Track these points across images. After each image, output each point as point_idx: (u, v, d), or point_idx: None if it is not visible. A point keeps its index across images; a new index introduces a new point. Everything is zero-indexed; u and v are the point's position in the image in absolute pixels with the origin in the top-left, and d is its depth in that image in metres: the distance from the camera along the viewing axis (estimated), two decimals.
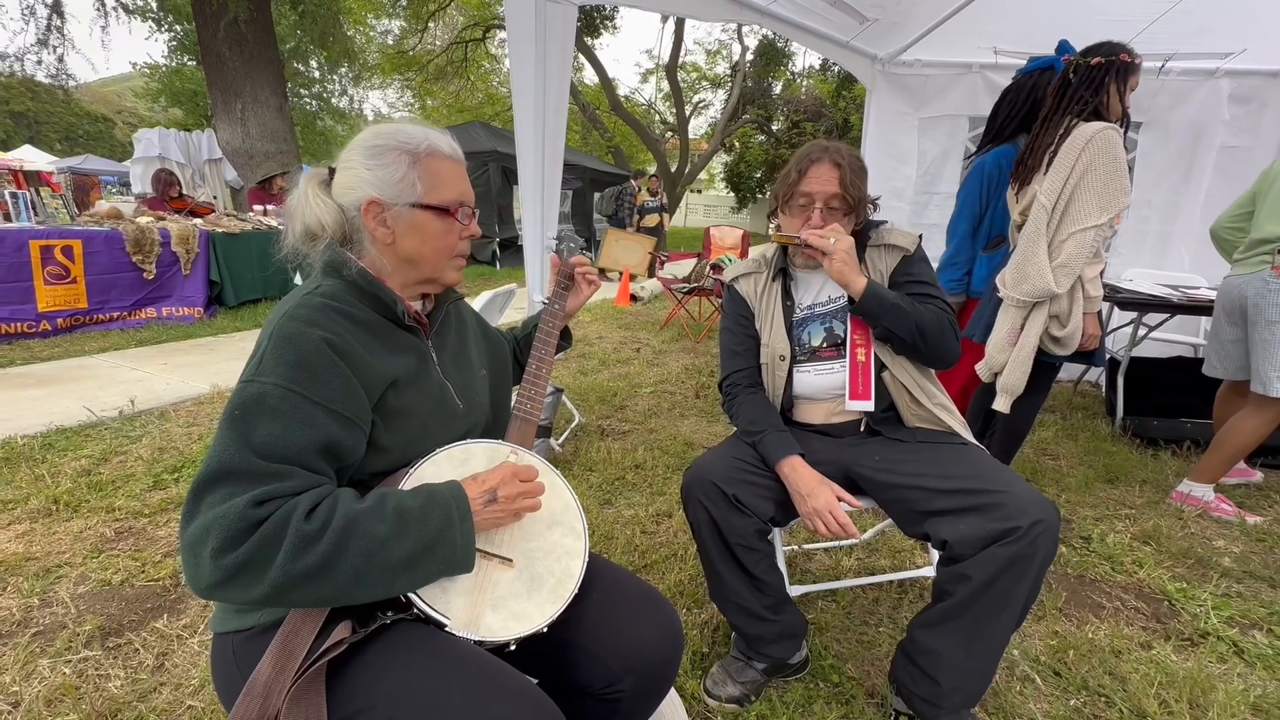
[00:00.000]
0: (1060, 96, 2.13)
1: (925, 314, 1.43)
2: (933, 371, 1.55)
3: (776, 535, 1.51)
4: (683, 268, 7.11)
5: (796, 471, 1.39)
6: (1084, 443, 3.23)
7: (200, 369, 4.05)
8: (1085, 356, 2.24)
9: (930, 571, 1.92)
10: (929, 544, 1.34)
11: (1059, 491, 2.67)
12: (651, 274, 7.16)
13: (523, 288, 2.90)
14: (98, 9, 9.19)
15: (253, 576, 0.71)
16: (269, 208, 6.69)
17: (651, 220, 10.39)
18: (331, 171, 0.98)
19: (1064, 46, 2.30)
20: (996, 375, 2.26)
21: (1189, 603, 1.91)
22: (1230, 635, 1.75)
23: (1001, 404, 2.23)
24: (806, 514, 1.36)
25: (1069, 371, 4.39)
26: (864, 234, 1.56)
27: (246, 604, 0.83)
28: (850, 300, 1.46)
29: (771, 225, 1.64)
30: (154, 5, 11.27)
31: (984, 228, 2.45)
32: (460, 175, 1.00)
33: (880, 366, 1.49)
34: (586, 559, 0.98)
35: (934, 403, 1.50)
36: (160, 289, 5.27)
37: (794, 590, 1.59)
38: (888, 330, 1.43)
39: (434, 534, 0.82)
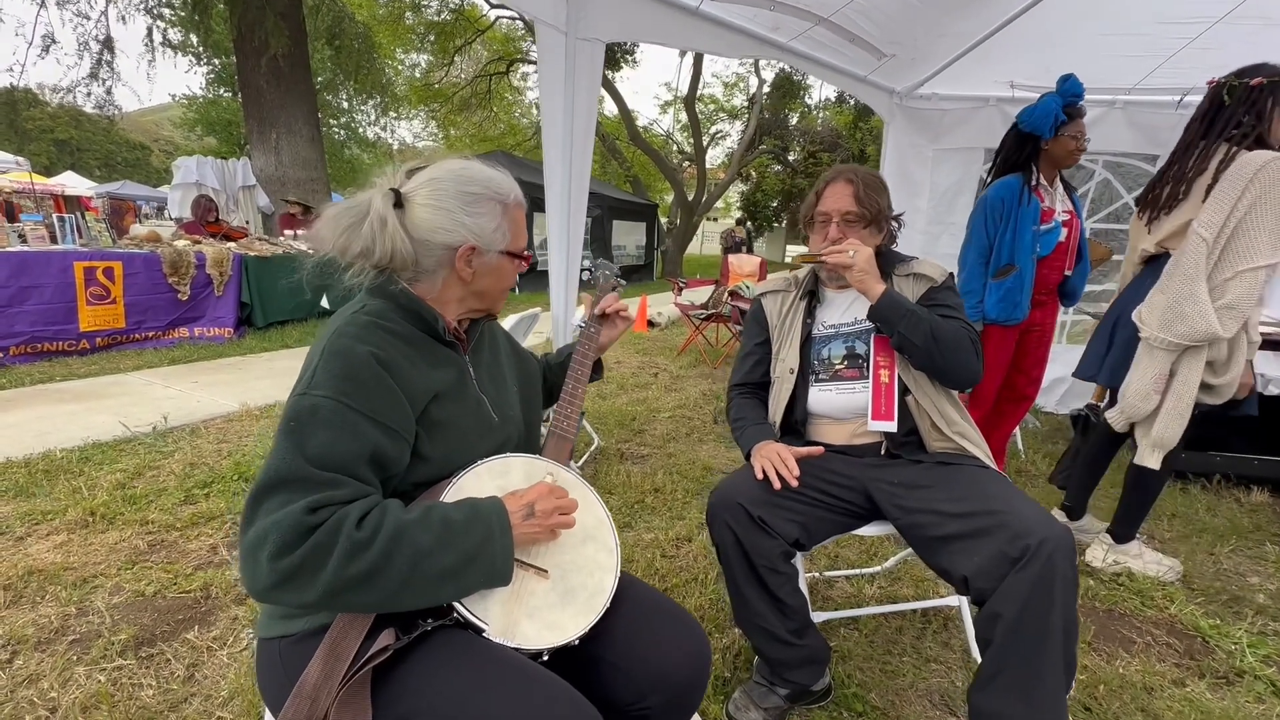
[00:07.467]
0: (1210, 120, 1.98)
1: (943, 324, 1.44)
2: (956, 396, 1.56)
3: (799, 560, 1.52)
4: (700, 294, 7.18)
5: (763, 446, 1.48)
6: (1108, 474, 3.16)
7: (230, 387, 4.15)
8: (1233, 405, 2.04)
9: (954, 600, 1.91)
10: (952, 585, 1.33)
11: None
12: None
13: (546, 311, 2.96)
14: (146, 44, 9.71)
15: (306, 580, 0.75)
16: (299, 232, 6.92)
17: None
18: (397, 196, 0.96)
19: (1072, 82, 2.32)
20: (1134, 425, 2.10)
21: (1223, 639, 1.86)
22: (1268, 674, 1.71)
23: (1153, 459, 2.07)
24: (758, 463, 1.44)
25: (1082, 400, 4.32)
26: (890, 264, 1.59)
27: (299, 607, 0.86)
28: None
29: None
30: (194, 41, 11.86)
31: (992, 257, 2.48)
32: (524, 220, 1.08)
33: (904, 390, 1.51)
34: (618, 574, 1.00)
35: (954, 430, 1.50)
36: (193, 309, 5.44)
37: (816, 617, 1.59)
38: (903, 337, 1.44)
39: (476, 546, 0.85)
